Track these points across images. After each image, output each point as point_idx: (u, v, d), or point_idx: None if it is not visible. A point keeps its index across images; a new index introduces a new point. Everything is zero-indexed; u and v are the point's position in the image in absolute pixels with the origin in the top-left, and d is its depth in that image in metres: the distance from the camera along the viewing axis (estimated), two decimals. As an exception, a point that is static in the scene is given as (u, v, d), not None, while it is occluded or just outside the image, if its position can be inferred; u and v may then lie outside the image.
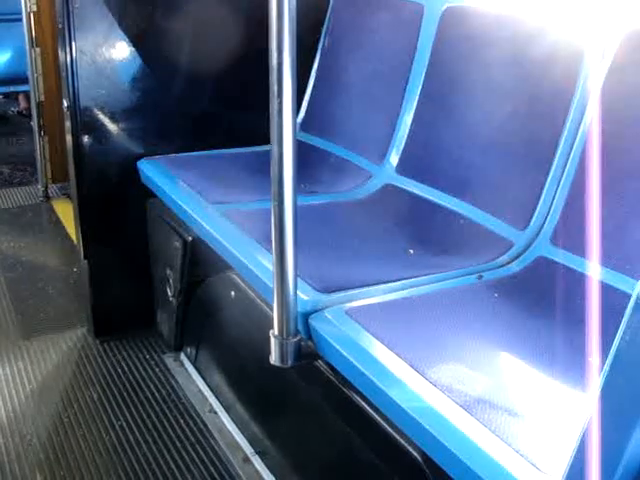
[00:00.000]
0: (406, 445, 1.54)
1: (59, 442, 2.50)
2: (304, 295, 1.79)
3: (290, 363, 1.70)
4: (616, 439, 1.01)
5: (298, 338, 1.71)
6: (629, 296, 0.98)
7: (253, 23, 2.67)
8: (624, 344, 0.99)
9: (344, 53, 2.90)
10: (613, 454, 1.01)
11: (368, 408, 1.65)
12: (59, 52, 2.76)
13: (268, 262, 1.91)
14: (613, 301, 1.76)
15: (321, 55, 2.99)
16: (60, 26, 2.70)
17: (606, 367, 1.02)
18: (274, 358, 1.72)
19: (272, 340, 1.70)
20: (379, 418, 1.62)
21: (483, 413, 1.37)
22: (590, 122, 1.97)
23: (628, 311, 0.98)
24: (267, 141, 1.59)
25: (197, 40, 2.93)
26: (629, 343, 0.99)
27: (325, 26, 3.00)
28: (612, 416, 1.02)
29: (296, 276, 1.66)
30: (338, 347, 1.63)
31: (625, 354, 0.99)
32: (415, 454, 1.52)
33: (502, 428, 1.34)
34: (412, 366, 1.51)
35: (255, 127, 2.21)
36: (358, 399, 1.68)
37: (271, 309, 1.70)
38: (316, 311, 1.76)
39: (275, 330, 1.69)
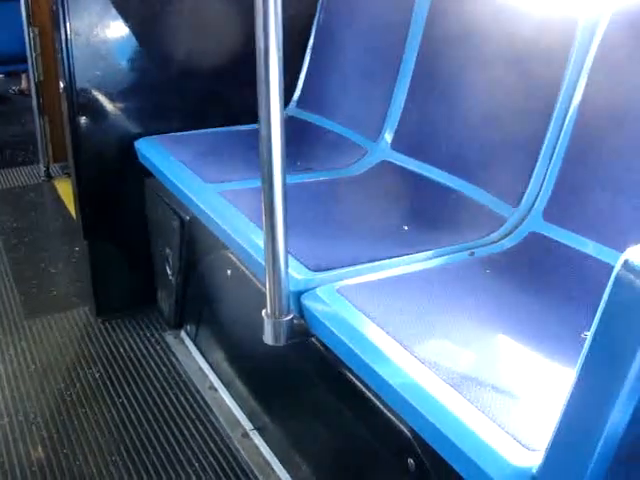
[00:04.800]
0: (396, 422, 1.56)
1: (62, 420, 2.54)
2: (296, 274, 1.80)
3: (283, 342, 1.72)
4: (596, 415, 1.02)
5: (290, 317, 1.72)
6: None
7: (250, 2, 2.66)
8: (604, 320, 1.00)
9: (339, 30, 2.89)
10: (593, 430, 1.03)
11: (359, 385, 1.67)
12: (54, 33, 2.76)
13: (261, 241, 1.91)
14: (605, 276, 1.76)
15: (316, 32, 2.98)
16: (54, 7, 2.69)
17: (587, 343, 1.03)
18: (267, 337, 1.73)
19: (265, 319, 1.72)
20: (370, 395, 1.64)
21: (470, 391, 1.39)
22: (581, 98, 1.97)
23: (608, 287, 1.00)
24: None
25: (193, 20, 2.92)
26: (608, 319, 1.00)
27: (320, 2, 2.98)
28: (593, 392, 1.03)
29: (287, 256, 1.67)
30: (329, 325, 1.65)
31: (604, 330, 1.01)
32: (405, 430, 1.54)
33: (489, 405, 1.35)
34: (401, 344, 1.52)
35: (251, 105, 2.21)
36: (350, 377, 1.70)
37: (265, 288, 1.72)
38: (308, 290, 1.78)
39: (267, 309, 1.71)
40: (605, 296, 1.00)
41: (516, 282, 1.84)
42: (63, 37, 2.70)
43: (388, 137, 2.56)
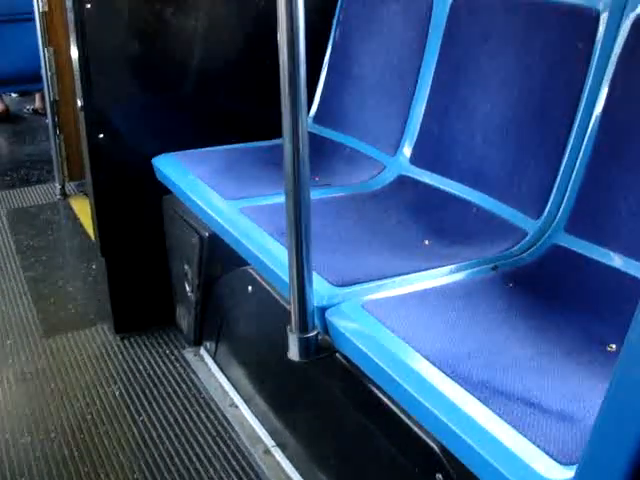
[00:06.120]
0: (424, 437, 1.55)
1: (82, 439, 2.54)
2: (320, 289, 1.79)
3: (307, 358, 1.72)
4: (630, 429, 1.01)
5: (315, 333, 1.72)
6: None
7: (265, 18, 2.68)
8: (637, 333, 0.99)
9: (355, 45, 2.89)
10: (627, 444, 1.01)
11: (386, 401, 1.66)
12: (71, 51, 2.78)
13: (284, 257, 1.91)
14: (630, 289, 1.76)
15: (332, 47, 2.99)
16: (71, 25, 2.71)
17: (621, 356, 1.02)
18: (291, 353, 1.73)
19: (289, 335, 1.71)
20: (397, 410, 1.63)
21: (499, 405, 1.38)
22: (604, 106, 1.96)
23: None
24: (281, 134, 1.60)
25: (209, 36, 2.94)
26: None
27: (336, 18, 2.99)
28: (626, 406, 1.02)
29: (311, 271, 1.67)
30: (355, 341, 1.64)
31: (638, 343, 1.00)
32: (433, 446, 1.52)
33: (519, 419, 1.34)
34: (428, 359, 1.52)
35: (269, 121, 2.22)
36: (376, 392, 1.69)
37: (288, 303, 1.72)
38: (333, 305, 1.77)
39: (292, 325, 1.71)
40: (638, 309, 0.99)
41: (540, 296, 1.83)
42: (80, 55, 2.72)
43: (406, 151, 2.56)
